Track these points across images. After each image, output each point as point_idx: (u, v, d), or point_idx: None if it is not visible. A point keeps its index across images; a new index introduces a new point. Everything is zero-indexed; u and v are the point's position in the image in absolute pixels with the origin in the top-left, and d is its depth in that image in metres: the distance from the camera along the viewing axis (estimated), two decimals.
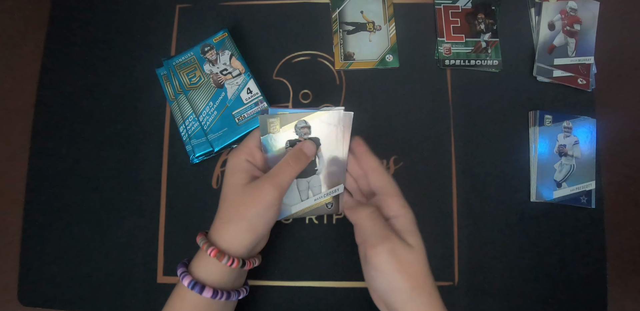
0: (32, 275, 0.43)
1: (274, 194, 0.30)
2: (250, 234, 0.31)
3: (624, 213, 0.43)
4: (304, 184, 0.35)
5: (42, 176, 0.45)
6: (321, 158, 0.34)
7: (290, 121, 0.33)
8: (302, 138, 0.33)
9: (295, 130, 0.33)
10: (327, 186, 0.35)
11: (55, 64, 0.47)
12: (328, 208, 0.36)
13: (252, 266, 0.33)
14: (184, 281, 0.30)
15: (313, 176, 0.35)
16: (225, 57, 0.44)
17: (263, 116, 0.32)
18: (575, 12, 0.47)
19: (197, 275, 0.31)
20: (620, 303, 0.42)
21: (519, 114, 0.45)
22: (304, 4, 0.47)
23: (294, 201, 0.35)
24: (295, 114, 0.33)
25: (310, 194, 0.35)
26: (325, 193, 0.35)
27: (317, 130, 0.33)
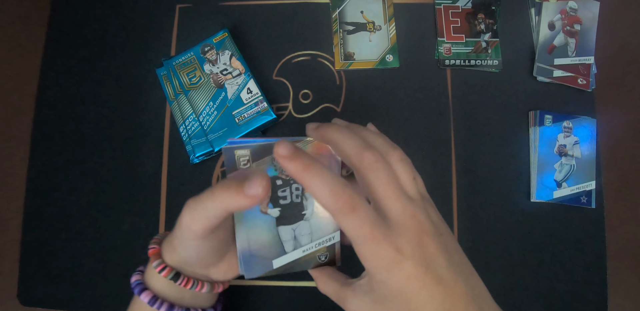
0: (32, 275, 0.43)
1: (188, 224, 0.24)
2: (175, 254, 0.27)
3: (624, 212, 0.43)
4: (289, 232, 0.26)
5: (42, 176, 0.45)
6: (309, 199, 0.26)
7: (265, 153, 0.24)
8: (284, 175, 0.25)
9: (273, 164, 0.24)
10: (318, 234, 0.27)
11: (55, 64, 0.47)
12: (321, 261, 0.28)
13: (192, 287, 0.28)
14: (141, 297, 0.27)
15: (300, 222, 0.26)
16: (225, 57, 0.44)
17: (229, 148, 0.23)
18: (575, 12, 0.47)
19: (150, 284, 0.28)
20: (620, 303, 0.42)
21: (519, 114, 0.45)
22: (304, 4, 0.47)
23: (275, 254, 0.26)
24: (270, 144, 0.24)
25: (297, 245, 0.27)
26: (316, 243, 0.27)
27: None
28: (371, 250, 0.21)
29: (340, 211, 0.20)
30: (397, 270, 0.20)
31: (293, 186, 0.25)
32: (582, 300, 0.42)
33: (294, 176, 0.21)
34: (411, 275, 0.20)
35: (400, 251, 0.20)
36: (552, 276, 0.42)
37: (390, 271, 0.21)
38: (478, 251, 0.42)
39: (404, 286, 0.21)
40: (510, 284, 0.42)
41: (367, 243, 0.21)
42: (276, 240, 0.26)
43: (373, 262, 0.21)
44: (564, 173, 0.44)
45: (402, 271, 0.20)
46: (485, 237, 0.43)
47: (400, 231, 0.21)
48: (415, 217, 0.21)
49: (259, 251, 0.26)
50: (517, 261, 0.42)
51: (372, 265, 0.21)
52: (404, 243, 0.21)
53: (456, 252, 0.23)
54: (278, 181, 0.25)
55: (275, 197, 0.25)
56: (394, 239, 0.21)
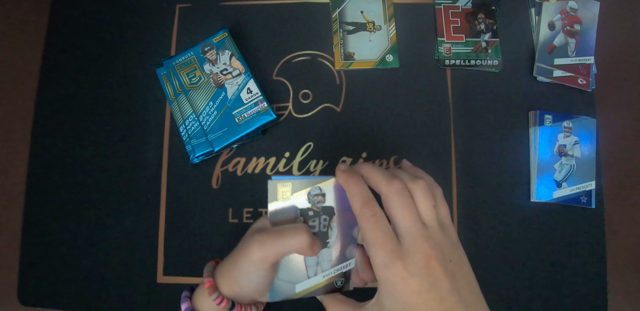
0: (32, 275, 0.43)
1: (261, 258, 0.27)
2: (235, 285, 0.29)
3: (624, 212, 0.43)
4: (313, 258, 0.30)
5: (42, 176, 0.45)
6: (334, 229, 0.30)
7: (302, 187, 0.29)
8: (315, 207, 0.30)
9: (307, 198, 0.29)
10: (338, 261, 0.31)
11: (55, 64, 0.47)
12: (337, 286, 0.31)
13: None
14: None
15: (324, 249, 0.30)
16: (225, 57, 0.44)
17: (274, 182, 0.28)
18: (575, 12, 0.47)
19: (201, 309, 0.31)
20: (620, 303, 0.41)
21: (519, 114, 0.45)
22: (304, 4, 0.47)
23: (299, 278, 0.30)
24: (308, 180, 0.29)
25: (318, 271, 0.30)
26: (335, 269, 0.31)
27: (331, 198, 0.30)
28: (381, 258, 0.24)
29: (363, 213, 0.25)
30: (402, 284, 0.23)
31: (322, 217, 0.29)
32: (582, 300, 0.42)
33: (342, 184, 0.28)
34: (415, 290, 0.23)
35: (407, 268, 0.23)
36: (552, 276, 0.42)
37: (397, 284, 0.23)
38: (478, 251, 0.42)
39: (408, 300, 0.23)
40: (510, 283, 0.42)
41: (378, 248, 0.24)
42: (301, 265, 0.30)
43: (383, 272, 0.24)
44: (564, 173, 0.44)
45: (408, 286, 0.23)
46: (485, 237, 0.43)
47: (409, 251, 0.23)
48: (426, 242, 0.24)
49: (284, 275, 0.29)
50: (517, 261, 0.42)
51: (382, 275, 0.24)
52: (411, 262, 0.23)
53: (464, 279, 0.25)
54: (310, 212, 0.29)
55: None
56: (403, 256, 0.23)
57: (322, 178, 0.30)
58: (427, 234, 0.24)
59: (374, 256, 0.24)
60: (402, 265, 0.23)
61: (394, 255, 0.23)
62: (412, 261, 0.23)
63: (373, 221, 0.25)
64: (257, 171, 0.44)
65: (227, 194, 0.44)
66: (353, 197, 0.26)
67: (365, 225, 0.25)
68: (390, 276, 0.23)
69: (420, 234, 0.24)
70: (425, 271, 0.23)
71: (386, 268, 0.23)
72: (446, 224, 0.27)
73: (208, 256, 0.43)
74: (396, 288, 0.23)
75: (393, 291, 0.23)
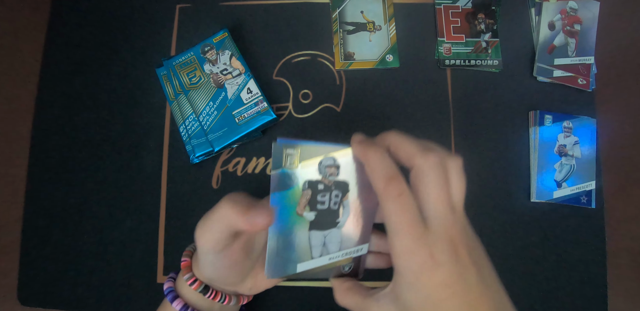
0: (32, 275, 0.43)
1: (197, 238, 0.25)
2: (203, 271, 0.28)
3: (624, 213, 0.43)
4: (319, 238, 0.26)
5: (42, 176, 0.45)
6: (346, 207, 0.26)
7: (313, 155, 0.24)
8: (327, 180, 0.25)
9: (318, 168, 0.25)
10: (347, 244, 0.27)
11: (55, 64, 0.47)
12: (344, 271, 0.28)
13: (220, 300, 0.29)
14: (174, 304, 0.29)
15: (332, 229, 0.26)
16: (225, 57, 0.44)
17: (278, 145, 0.24)
18: (575, 12, 0.47)
19: (181, 292, 0.30)
20: (620, 304, 0.41)
21: (519, 114, 0.45)
22: (304, 4, 0.47)
23: (301, 258, 0.26)
24: (321, 147, 0.24)
25: (324, 252, 0.27)
26: (344, 252, 0.27)
27: (347, 172, 0.25)
28: (406, 245, 0.21)
29: (387, 193, 0.21)
30: (428, 275, 0.20)
31: (333, 193, 0.26)
32: (582, 300, 0.42)
33: (360, 157, 0.23)
34: (442, 282, 0.20)
35: (434, 258, 0.20)
36: (552, 276, 0.42)
37: (421, 275, 0.20)
38: None
39: (432, 292, 0.20)
40: (510, 284, 0.42)
41: (403, 235, 0.21)
42: (305, 244, 0.26)
43: (405, 261, 0.21)
44: (564, 173, 0.44)
45: (434, 277, 0.20)
46: (485, 237, 0.43)
47: (437, 238, 0.21)
48: (454, 227, 0.21)
49: (285, 252, 0.26)
50: (517, 261, 0.42)
51: (404, 264, 0.21)
52: (439, 250, 0.20)
53: (486, 267, 0.23)
54: (320, 185, 0.25)
55: (314, 201, 0.25)
56: (430, 243, 0.21)
57: (338, 145, 0.25)
58: (455, 220, 0.22)
59: (397, 242, 0.21)
60: (429, 253, 0.20)
61: (420, 242, 0.20)
62: (441, 250, 0.20)
63: (400, 202, 0.21)
64: (257, 171, 0.44)
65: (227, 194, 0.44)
66: (375, 172, 0.22)
67: (390, 206, 0.21)
68: (414, 266, 0.20)
69: (450, 220, 0.21)
70: (454, 260, 0.21)
71: (410, 257, 0.21)
72: (462, 208, 0.24)
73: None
74: (420, 279, 0.20)
75: (415, 283, 0.21)
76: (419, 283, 0.21)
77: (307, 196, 0.25)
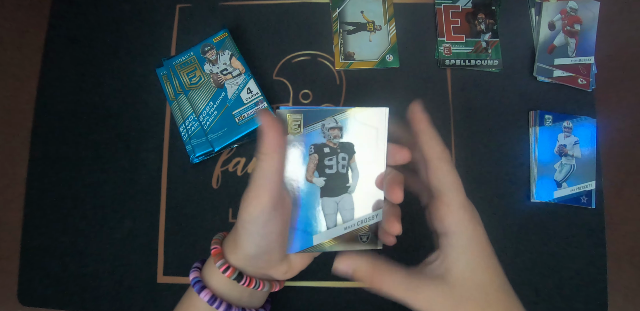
0: (32, 275, 0.43)
1: (256, 201, 0.24)
2: (240, 251, 0.27)
3: (624, 213, 0.43)
4: (332, 205, 0.26)
5: (42, 176, 0.45)
6: (355, 170, 0.26)
7: (315, 119, 0.25)
8: (332, 143, 0.25)
9: (322, 131, 0.25)
10: (361, 210, 0.26)
11: (55, 64, 0.47)
12: (363, 241, 0.27)
13: (255, 287, 0.28)
14: (201, 295, 0.27)
15: (344, 194, 0.26)
16: (225, 57, 0.44)
17: (282, 111, 0.24)
18: (575, 12, 0.47)
19: (209, 282, 0.28)
20: (620, 303, 0.42)
21: (519, 114, 0.45)
22: (304, 4, 0.47)
23: (316, 229, 0.26)
24: (322, 110, 0.25)
25: (339, 220, 0.26)
26: (359, 220, 0.27)
27: (351, 133, 0.26)
28: (461, 201, 0.24)
29: (444, 157, 0.24)
30: (479, 231, 0.24)
31: (340, 156, 0.26)
32: (582, 300, 0.42)
33: (419, 127, 0.26)
34: (486, 239, 0.24)
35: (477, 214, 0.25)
36: (552, 276, 0.42)
37: (474, 231, 0.24)
38: None
39: (487, 247, 0.24)
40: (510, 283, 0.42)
41: (460, 191, 0.24)
42: (319, 213, 0.26)
43: (463, 215, 0.24)
44: (564, 173, 0.44)
45: (482, 235, 0.24)
46: None
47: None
48: (471, 205, 0.25)
49: (300, 224, 0.26)
50: (517, 261, 0.42)
51: (458, 220, 0.24)
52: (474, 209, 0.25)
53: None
54: (326, 148, 0.25)
55: (321, 165, 0.26)
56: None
57: (338, 108, 0.25)
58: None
59: (455, 198, 0.24)
60: (474, 209, 0.24)
61: (466, 197, 0.24)
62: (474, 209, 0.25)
63: (452, 165, 0.24)
64: None
65: (227, 194, 0.44)
66: (433, 140, 0.25)
67: (447, 167, 0.24)
68: (467, 217, 0.24)
69: (468, 202, 0.25)
70: (469, 261, 0.24)
71: (466, 211, 0.24)
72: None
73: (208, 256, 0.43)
74: (477, 231, 0.24)
75: (473, 236, 0.24)
76: (476, 236, 0.24)
77: (314, 161, 0.25)
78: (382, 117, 0.26)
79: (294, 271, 0.30)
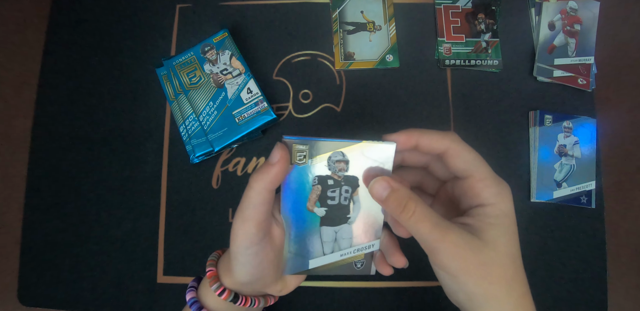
0: (32, 275, 0.43)
1: (243, 232, 0.24)
2: (234, 274, 0.27)
3: (624, 213, 0.43)
4: (330, 234, 0.27)
5: (42, 176, 0.45)
6: (357, 203, 0.26)
7: (322, 151, 0.25)
8: (336, 175, 0.26)
9: (328, 164, 0.25)
10: (359, 240, 0.27)
11: (55, 64, 0.47)
12: (357, 268, 0.28)
13: (251, 305, 0.28)
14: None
15: (343, 225, 0.27)
16: (225, 57, 0.44)
17: (289, 141, 0.24)
18: (575, 12, 0.47)
19: (206, 302, 0.29)
20: (620, 303, 0.42)
21: (519, 114, 0.45)
22: (304, 4, 0.47)
23: (313, 254, 0.27)
24: (330, 143, 0.25)
25: (335, 248, 0.27)
26: (356, 248, 0.27)
27: (357, 166, 0.26)
28: (493, 174, 0.25)
29: (456, 139, 0.25)
30: (511, 200, 0.24)
31: (343, 188, 0.26)
32: (582, 300, 0.42)
33: (412, 134, 0.25)
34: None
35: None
36: (552, 276, 0.42)
37: (511, 200, 0.24)
38: None
39: (515, 229, 0.24)
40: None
41: (486, 166, 0.25)
42: (317, 240, 0.27)
43: (497, 187, 0.24)
44: (564, 173, 0.44)
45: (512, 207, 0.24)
46: None
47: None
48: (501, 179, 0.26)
49: (298, 248, 0.27)
50: None
51: (497, 190, 0.24)
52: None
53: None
54: (330, 180, 0.26)
55: (324, 196, 0.26)
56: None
57: (346, 141, 0.25)
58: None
59: (486, 173, 0.24)
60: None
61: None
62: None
63: (467, 144, 0.25)
64: None
65: (227, 194, 0.44)
66: (433, 134, 0.25)
67: (465, 147, 0.25)
68: (507, 194, 0.24)
69: (494, 176, 0.26)
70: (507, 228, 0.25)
71: (501, 183, 0.25)
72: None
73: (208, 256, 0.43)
74: (511, 206, 0.24)
75: (509, 210, 0.24)
76: (508, 215, 0.24)
77: (317, 192, 0.26)
78: (389, 153, 0.26)
79: (289, 289, 0.30)
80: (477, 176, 0.24)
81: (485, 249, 0.22)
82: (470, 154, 0.25)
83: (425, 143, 0.25)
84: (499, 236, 0.23)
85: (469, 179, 0.24)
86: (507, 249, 0.23)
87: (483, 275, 0.22)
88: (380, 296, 0.41)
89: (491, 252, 0.22)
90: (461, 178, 0.25)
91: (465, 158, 0.24)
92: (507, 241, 0.23)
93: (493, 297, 0.23)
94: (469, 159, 0.24)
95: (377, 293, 0.41)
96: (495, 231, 0.23)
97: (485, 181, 0.24)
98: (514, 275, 0.24)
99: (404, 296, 0.41)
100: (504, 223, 0.23)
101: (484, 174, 0.24)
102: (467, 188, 0.24)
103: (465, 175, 0.25)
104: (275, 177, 0.23)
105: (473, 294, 0.23)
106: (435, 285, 0.40)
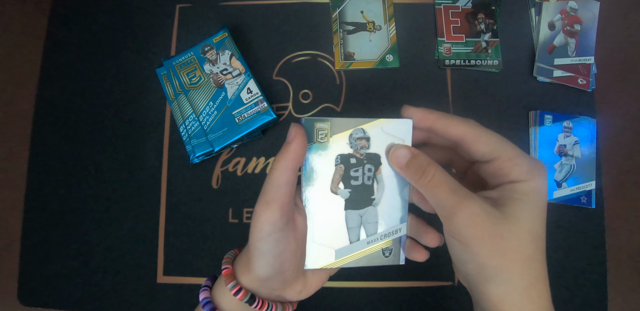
0: (32, 275, 0.43)
1: (266, 216, 0.23)
2: (253, 272, 0.25)
3: (624, 212, 0.43)
4: (356, 218, 0.25)
5: (42, 176, 0.45)
6: (381, 182, 0.25)
7: (343, 128, 0.25)
8: (358, 153, 0.25)
9: (349, 141, 0.25)
10: (385, 224, 0.26)
11: (55, 64, 0.47)
12: (385, 256, 0.26)
13: (267, 310, 0.26)
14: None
15: (368, 207, 0.25)
16: (225, 57, 0.44)
17: (310, 119, 0.24)
18: (575, 12, 0.47)
19: (220, 303, 0.27)
20: (620, 303, 0.42)
21: (519, 114, 0.45)
22: (304, 4, 0.47)
23: (339, 243, 0.25)
24: (350, 120, 0.25)
25: (362, 235, 0.26)
26: (382, 234, 0.26)
27: (377, 143, 0.25)
28: (521, 152, 0.23)
29: (475, 125, 0.24)
30: (545, 185, 0.22)
31: (366, 167, 0.25)
32: (582, 300, 0.42)
33: (430, 117, 0.25)
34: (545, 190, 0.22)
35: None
36: (551, 276, 0.42)
37: (544, 180, 0.22)
38: None
39: (545, 200, 0.22)
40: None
41: (512, 144, 0.23)
42: (342, 227, 0.25)
43: (529, 164, 0.22)
44: (564, 173, 0.44)
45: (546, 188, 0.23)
46: None
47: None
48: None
49: (322, 238, 0.25)
50: None
51: (529, 168, 0.22)
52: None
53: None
54: (352, 159, 0.25)
55: (347, 176, 0.25)
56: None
57: (364, 119, 0.25)
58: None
59: (514, 152, 0.22)
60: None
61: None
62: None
63: (486, 128, 0.24)
64: (257, 171, 0.44)
65: (227, 194, 0.44)
66: (452, 119, 0.24)
67: (486, 131, 0.24)
68: (540, 172, 0.22)
69: (523, 154, 0.25)
70: (533, 206, 0.23)
71: (533, 160, 0.23)
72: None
73: (208, 256, 0.43)
74: (544, 185, 0.22)
75: (541, 188, 0.22)
76: (539, 192, 0.22)
77: (340, 172, 0.25)
78: (407, 128, 0.26)
79: (308, 291, 0.28)
80: (505, 157, 0.23)
81: (504, 221, 0.21)
82: (493, 136, 0.23)
83: (440, 127, 0.24)
84: (522, 212, 0.22)
85: (497, 161, 0.23)
86: (528, 226, 0.21)
87: (498, 247, 0.21)
88: (381, 296, 0.41)
89: (511, 226, 0.21)
90: (488, 161, 0.24)
91: (486, 141, 0.23)
92: (531, 218, 0.22)
93: (505, 271, 0.21)
94: (492, 142, 0.23)
95: (377, 293, 0.41)
96: (519, 206, 0.22)
97: (514, 159, 0.23)
98: (533, 254, 0.22)
99: (404, 296, 0.41)
100: (530, 199, 0.22)
101: (512, 154, 0.23)
102: (496, 169, 0.23)
103: (492, 157, 0.23)
104: (294, 154, 0.23)
105: (484, 265, 0.21)
106: (436, 284, 0.40)
